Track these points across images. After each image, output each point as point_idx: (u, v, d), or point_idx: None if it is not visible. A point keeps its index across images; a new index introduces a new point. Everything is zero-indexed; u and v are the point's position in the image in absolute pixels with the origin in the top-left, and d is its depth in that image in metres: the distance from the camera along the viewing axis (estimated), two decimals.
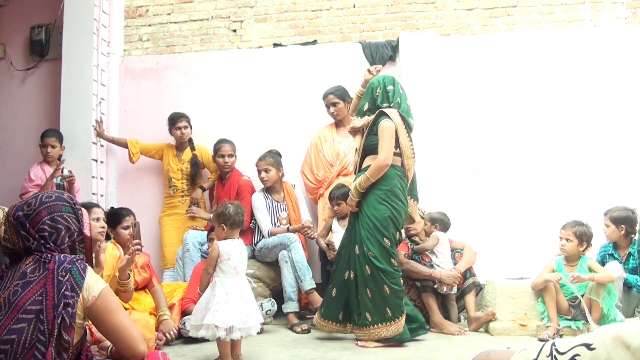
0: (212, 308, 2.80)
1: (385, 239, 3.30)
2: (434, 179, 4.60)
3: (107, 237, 3.38)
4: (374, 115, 3.48)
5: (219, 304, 2.81)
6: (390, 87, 3.53)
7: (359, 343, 3.31)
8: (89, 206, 3.06)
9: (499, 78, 4.72)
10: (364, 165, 3.49)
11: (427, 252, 3.89)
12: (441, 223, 4.01)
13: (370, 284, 3.28)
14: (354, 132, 3.62)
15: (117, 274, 3.12)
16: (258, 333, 3.05)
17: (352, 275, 3.36)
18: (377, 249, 3.28)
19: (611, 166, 4.50)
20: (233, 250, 2.94)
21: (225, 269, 2.91)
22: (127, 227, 3.44)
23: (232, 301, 2.84)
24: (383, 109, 3.44)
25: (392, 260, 3.32)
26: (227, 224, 2.98)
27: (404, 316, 3.30)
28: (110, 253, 3.10)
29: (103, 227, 3.09)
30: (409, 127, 3.50)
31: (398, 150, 3.42)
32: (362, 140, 3.53)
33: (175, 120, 4.63)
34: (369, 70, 3.76)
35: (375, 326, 3.25)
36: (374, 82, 3.59)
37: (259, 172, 4.36)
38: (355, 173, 3.63)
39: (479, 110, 4.72)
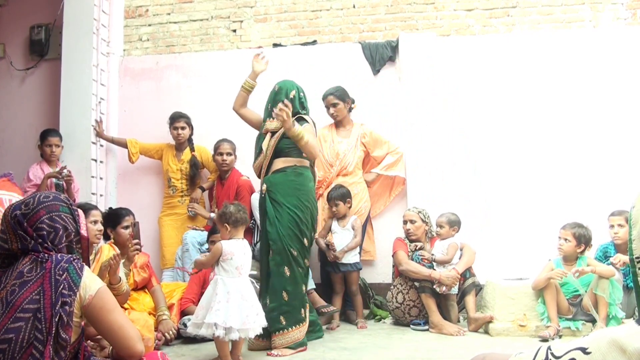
0: (214, 307, 2.81)
1: (305, 239, 3.36)
2: (434, 179, 4.60)
3: (107, 237, 3.38)
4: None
5: (220, 302, 2.82)
6: (302, 94, 3.58)
7: (274, 352, 3.15)
8: (87, 208, 3.05)
9: (498, 79, 4.72)
10: (274, 167, 3.45)
11: (430, 254, 3.90)
12: (458, 225, 4.00)
13: (289, 285, 3.25)
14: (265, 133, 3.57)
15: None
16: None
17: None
18: (299, 248, 3.31)
19: (611, 167, 4.50)
20: (237, 250, 2.95)
21: (228, 269, 2.92)
22: (127, 227, 3.45)
23: (233, 301, 2.84)
24: (302, 115, 3.48)
25: (306, 260, 3.41)
26: (229, 222, 3.01)
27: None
28: (107, 255, 3.06)
29: (100, 230, 3.07)
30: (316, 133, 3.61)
31: None
32: (273, 142, 3.47)
33: (174, 120, 4.64)
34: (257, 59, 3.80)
35: (291, 329, 3.20)
36: (287, 85, 3.59)
37: None
38: (259, 175, 3.60)
39: (478, 110, 4.72)
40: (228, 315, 2.80)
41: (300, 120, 3.44)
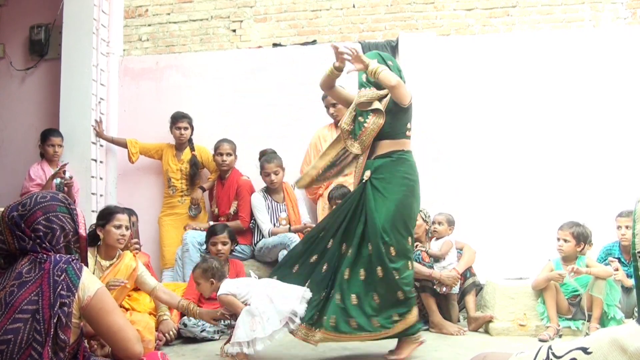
0: (264, 317, 2.75)
1: (410, 237, 2.87)
2: (434, 178, 4.60)
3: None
4: (383, 90, 2.90)
5: (265, 312, 2.76)
6: (390, 63, 3.01)
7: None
8: (113, 212, 3.05)
9: (498, 78, 4.72)
10: (379, 151, 2.92)
11: (433, 254, 3.90)
12: (454, 225, 4.02)
13: (381, 287, 2.81)
14: (364, 106, 2.93)
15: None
16: None
17: (362, 274, 2.84)
18: (398, 247, 2.80)
19: (611, 166, 4.50)
20: (233, 283, 2.96)
21: (245, 290, 2.89)
22: (127, 228, 3.47)
23: (275, 295, 2.82)
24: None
25: (409, 262, 2.88)
26: (215, 277, 2.97)
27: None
28: (126, 263, 3.03)
29: (123, 236, 3.02)
30: None
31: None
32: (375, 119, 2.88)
33: (176, 120, 4.64)
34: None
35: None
36: (372, 55, 3.01)
37: (268, 174, 4.32)
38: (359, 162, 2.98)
39: (479, 110, 4.72)
40: (283, 306, 2.77)
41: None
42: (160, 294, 3.00)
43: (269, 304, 2.79)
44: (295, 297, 2.81)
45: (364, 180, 2.92)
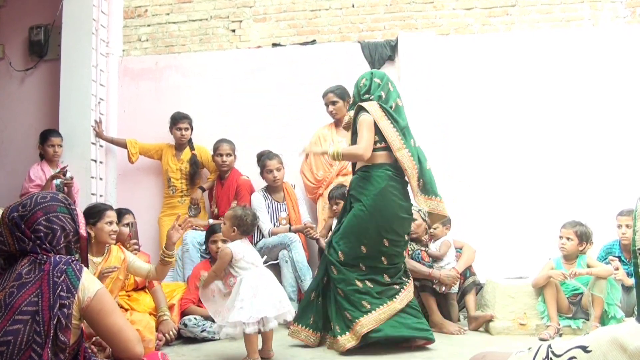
0: (237, 305, 2.81)
1: (362, 246, 3.16)
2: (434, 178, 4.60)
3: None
4: (354, 111, 3.34)
5: (243, 300, 2.82)
6: (377, 80, 3.36)
7: None
8: (102, 209, 3.08)
9: (498, 78, 4.72)
10: (357, 168, 3.38)
11: (432, 255, 3.90)
12: (450, 224, 4.03)
13: (334, 290, 3.22)
14: (347, 128, 3.57)
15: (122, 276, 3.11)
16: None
17: (325, 279, 3.32)
18: (343, 256, 3.18)
19: (610, 165, 4.50)
20: (245, 250, 3.00)
21: (245, 266, 2.95)
22: (125, 225, 3.49)
23: (262, 292, 2.86)
24: (362, 104, 3.26)
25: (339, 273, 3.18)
26: (240, 229, 3.03)
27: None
28: (115, 255, 3.07)
29: (115, 231, 3.07)
30: (394, 121, 3.25)
31: (385, 145, 3.23)
32: (349, 140, 3.43)
33: (177, 121, 4.64)
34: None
35: (340, 336, 3.13)
36: (364, 74, 3.46)
37: (271, 171, 4.32)
38: (353, 173, 3.48)
39: (478, 110, 4.72)
40: (259, 308, 2.80)
41: (360, 110, 3.26)
42: (155, 273, 3.03)
43: (252, 297, 2.83)
44: (272, 305, 2.88)
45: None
